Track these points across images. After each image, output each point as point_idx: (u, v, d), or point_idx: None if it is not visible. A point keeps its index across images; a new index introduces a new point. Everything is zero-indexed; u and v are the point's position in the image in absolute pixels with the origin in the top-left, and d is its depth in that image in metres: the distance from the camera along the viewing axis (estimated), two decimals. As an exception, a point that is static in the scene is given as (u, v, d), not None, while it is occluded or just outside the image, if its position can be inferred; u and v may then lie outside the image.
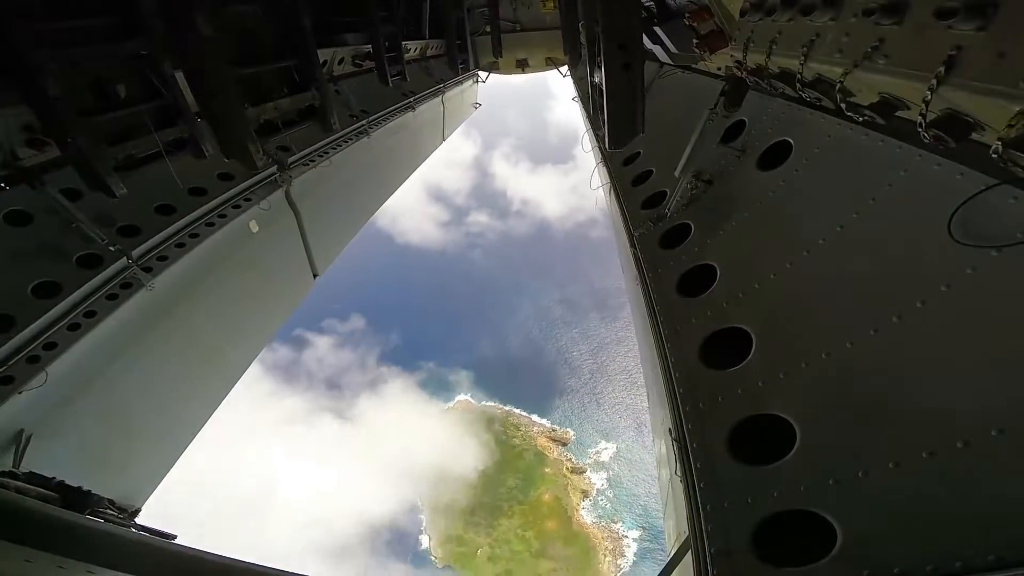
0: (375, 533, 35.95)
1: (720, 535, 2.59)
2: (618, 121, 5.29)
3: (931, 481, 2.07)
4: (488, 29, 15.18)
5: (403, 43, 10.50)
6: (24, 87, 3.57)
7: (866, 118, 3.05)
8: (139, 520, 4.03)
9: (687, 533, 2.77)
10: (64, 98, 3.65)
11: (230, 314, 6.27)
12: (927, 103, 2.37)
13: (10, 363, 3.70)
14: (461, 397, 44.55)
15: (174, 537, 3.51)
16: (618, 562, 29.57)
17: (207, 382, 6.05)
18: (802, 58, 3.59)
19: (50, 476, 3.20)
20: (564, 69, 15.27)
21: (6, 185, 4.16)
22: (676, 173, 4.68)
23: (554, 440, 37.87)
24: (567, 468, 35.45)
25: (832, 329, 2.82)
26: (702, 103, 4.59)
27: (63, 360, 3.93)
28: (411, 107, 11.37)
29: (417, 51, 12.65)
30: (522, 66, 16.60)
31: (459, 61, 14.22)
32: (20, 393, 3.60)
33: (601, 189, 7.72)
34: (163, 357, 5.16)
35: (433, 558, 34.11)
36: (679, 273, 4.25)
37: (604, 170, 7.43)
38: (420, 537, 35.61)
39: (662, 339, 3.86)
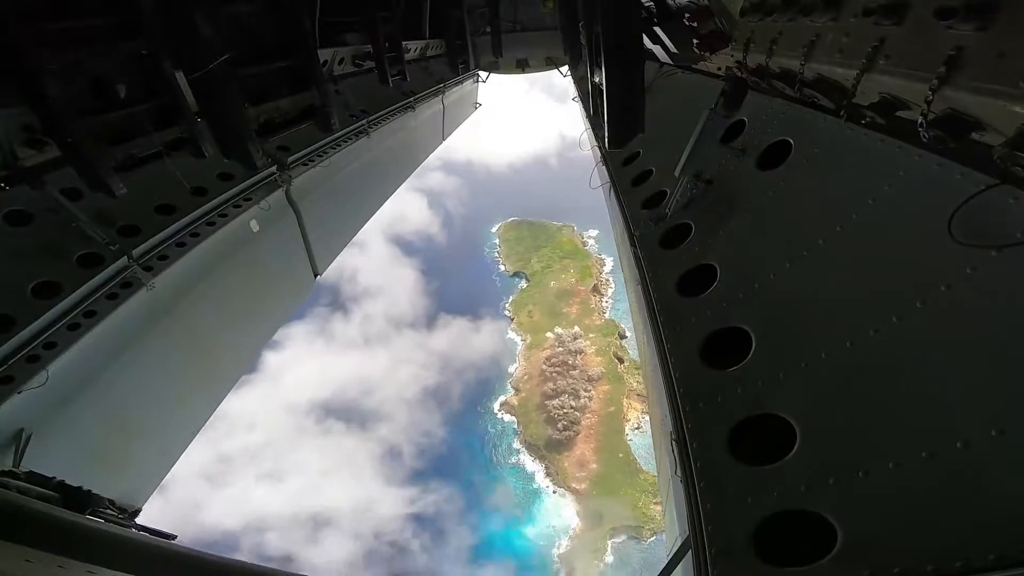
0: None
1: (720, 535, 2.59)
2: (618, 121, 5.30)
3: (931, 481, 2.07)
4: (488, 29, 15.17)
5: (403, 43, 10.50)
6: (24, 87, 3.56)
7: (867, 118, 3.05)
8: (139, 520, 4.03)
9: (687, 533, 2.77)
10: (64, 98, 3.65)
11: (231, 313, 6.27)
12: (927, 103, 2.37)
13: (10, 362, 3.70)
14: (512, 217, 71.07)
15: (174, 537, 3.51)
16: (600, 267, 59.45)
17: (207, 381, 6.05)
18: (802, 58, 3.59)
19: (50, 476, 3.20)
20: (564, 69, 15.26)
21: (6, 185, 4.15)
22: (676, 173, 4.68)
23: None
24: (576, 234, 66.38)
25: (832, 329, 2.82)
26: (702, 103, 4.59)
27: (63, 360, 3.93)
28: (411, 107, 11.37)
29: (417, 51, 12.65)
30: (522, 66, 16.59)
31: (459, 61, 14.22)
32: (20, 393, 3.60)
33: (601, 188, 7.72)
34: (163, 356, 5.16)
35: (503, 267, 62.54)
36: (679, 273, 4.25)
37: (604, 170, 7.43)
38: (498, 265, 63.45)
39: (662, 339, 3.86)
